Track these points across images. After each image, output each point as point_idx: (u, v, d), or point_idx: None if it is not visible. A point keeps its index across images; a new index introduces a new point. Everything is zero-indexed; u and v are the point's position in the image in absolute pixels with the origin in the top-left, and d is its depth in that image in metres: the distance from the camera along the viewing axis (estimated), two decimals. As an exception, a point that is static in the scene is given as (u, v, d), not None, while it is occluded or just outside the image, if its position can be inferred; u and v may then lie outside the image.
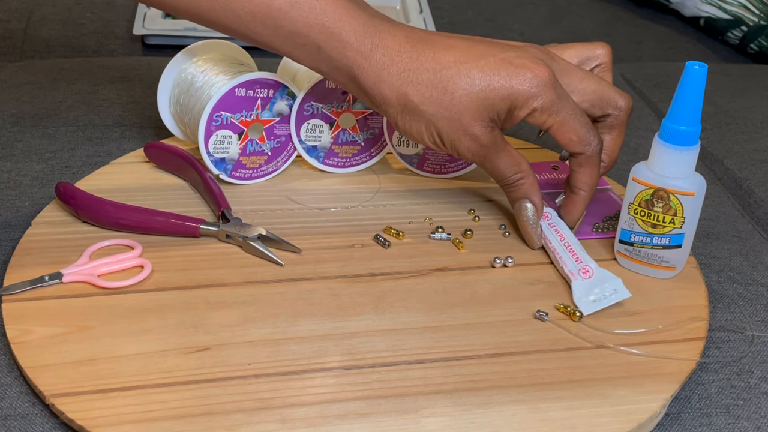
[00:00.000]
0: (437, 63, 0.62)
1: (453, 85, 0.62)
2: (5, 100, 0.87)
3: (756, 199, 0.82)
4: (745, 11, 1.20)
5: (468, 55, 0.62)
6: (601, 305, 0.62)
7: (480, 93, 0.62)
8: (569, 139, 0.64)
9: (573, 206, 0.68)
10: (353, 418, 0.52)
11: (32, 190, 0.74)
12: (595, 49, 0.68)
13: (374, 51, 0.62)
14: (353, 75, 0.63)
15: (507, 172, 0.66)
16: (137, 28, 1.09)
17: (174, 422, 0.51)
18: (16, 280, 0.61)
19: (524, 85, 0.61)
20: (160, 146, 0.75)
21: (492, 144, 0.64)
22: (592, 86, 0.65)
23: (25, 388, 0.55)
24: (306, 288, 0.62)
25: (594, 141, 0.64)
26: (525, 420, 0.53)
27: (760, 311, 0.66)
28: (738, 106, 0.98)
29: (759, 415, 0.58)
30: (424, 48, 0.63)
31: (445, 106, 0.62)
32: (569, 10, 1.30)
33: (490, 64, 0.62)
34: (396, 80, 0.63)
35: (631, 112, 0.67)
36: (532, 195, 0.67)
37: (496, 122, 0.63)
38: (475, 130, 0.63)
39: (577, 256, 0.64)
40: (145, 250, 0.65)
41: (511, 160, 0.65)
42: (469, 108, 0.62)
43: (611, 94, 0.66)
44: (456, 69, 0.62)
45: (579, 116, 0.63)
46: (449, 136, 0.63)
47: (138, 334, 0.57)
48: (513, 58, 0.62)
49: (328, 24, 0.62)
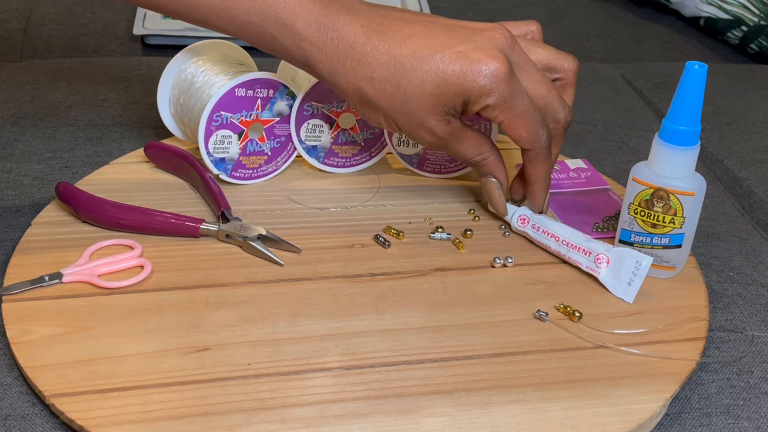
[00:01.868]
0: (391, 57, 0.61)
1: (406, 81, 0.61)
2: (5, 100, 0.87)
3: (756, 199, 0.82)
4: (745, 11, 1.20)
5: (424, 48, 0.61)
6: (637, 285, 0.62)
7: (434, 89, 0.61)
8: (519, 135, 0.64)
9: (532, 197, 0.68)
10: (353, 418, 0.52)
11: (32, 190, 0.74)
12: (563, 63, 0.67)
13: (328, 43, 0.62)
14: (309, 65, 0.64)
15: (469, 155, 0.66)
16: (137, 28, 1.09)
17: (174, 422, 0.51)
18: (16, 280, 0.61)
19: (478, 81, 0.61)
20: (160, 146, 0.75)
21: (449, 135, 0.64)
22: (542, 91, 0.64)
23: (25, 388, 0.55)
24: (306, 288, 0.62)
25: (543, 138, 0.64)
26: (525, 420, 0.53)
27: (760, 311, 0.66)
28: (738, 106, 0.98)
29: (759, 415, 0.58)
30: (379, 40, 0.62)
31: (399, 101, 0.62)
32: (569, 10, 1.30)
33: (445, 58, 0.61)
34: (351, 74, 0.62)
35: (568, 127, 0.66)
36: (496, 172, 0.68)
37: (453, 114, 0.63)
38: (430, 124, 0.63)
39: (583, 248, 0.64)
40: (145, 250, 0.65)
41: (471, 143, 0.66)
42: (423, 103, 0.62)
43: (555, 107, 0.65)
44: (411, 63, 0.61)
45: (531, 113, 0.63)
46: (406, 128, 0.64)
47: (138, 334, 0.57)
48: (470, 51, 0.61)
49: (282, 15, 0.62)
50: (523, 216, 0.68)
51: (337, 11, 0.62)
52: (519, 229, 0.68)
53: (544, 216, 0.68)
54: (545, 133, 0.64)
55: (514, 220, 0.69)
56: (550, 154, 0.66)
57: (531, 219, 0.68)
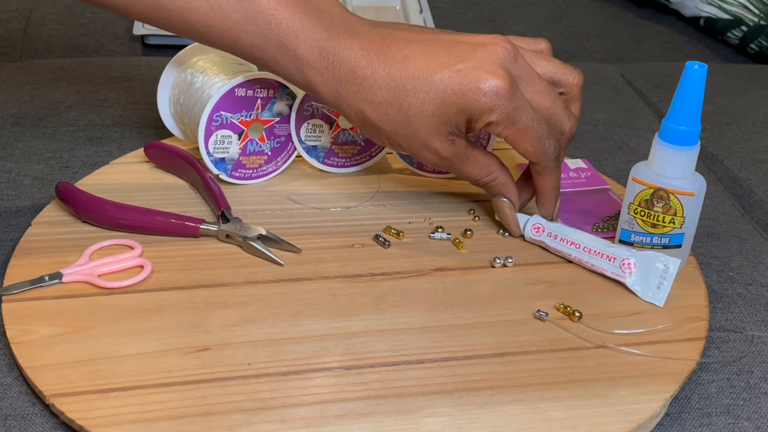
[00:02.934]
0: (392, 80, 0.61)
1: (407, 103, 0.61)
2: (5, 100, 0.87)
3: (756, 199, 0.82)
4: (745, 11, 1.20)
5: (423, 68, 0.61)
6: (666, 289, 0.62)
7: (435, 110, 0.61)
8: (525, 149, 0.63)
9: (542, 206, 0.68)
10: (353, 418, 0.52)
11: (32, 190, 0.74)
12: (568, 77, 0.66)
13: (330, 68, 0.62)
14: (312, 89, 0.64)
15: (476, 176, 0.66)
16: (137, 28, 1.09)
17: (174, 422, 0.51)
18: (16, 280, 0.61)
19: (479, 99, 0.60)
20: (160, 146, 0.75)
21: (454, 156, 0.64)
22: (546, 103, 0.63)
23: (25, 388, 0.55)
24: (306, 288, 0.62)
25: (550, 151, 0.64)
26: (525, 420, 0.53)
27: (760, 311, 0.66)
28: (738, 106, 0.98)
29: (759, 415, 0.58)
30: (379, 64, 0.62)
31: (401, 124, 0.62)
32: (569, 10, 1.30)
33: (444, 78, 0.61)
34: (352, 98, 0.63)
35: (572, 138, 0.66)
36: (506, 192, 0.67)
37: (458, 134, 0.63)
38: (434, 146, 0.63)
39: (606, 255, 0.64)
40: (145, 250, 0.65)
41: (478, 164, 0.66)
42: (425, 125, 0.62)
43: (560, 117, 0.64)
44: (411, 85, 0.61)
45: (536, 127, 0.62)
46: (410, 150, 0.64)
47: (138, 334, 0.57)
48: (469, 69, 0.60)
49: (284, 40, 0.62)
50: (538, 225, 0.67)
51: (338, 35, 0.63)
52: (534, 239, 0.67)
53: (556, 223, 0.68)
54: (552, 146, 0.64)
55: (528, 229, 0.68)
56: (558, 165, 0.66)
57: (546, 227, 0.67)
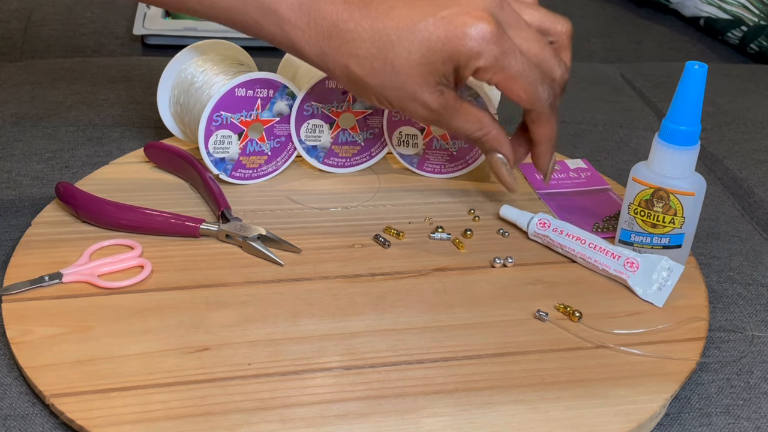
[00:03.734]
0: (375, 32, 0.60)
1: (393, 54, 0.60)
2: (5, 100, 0.87)
3: (756, 199, 0.82)
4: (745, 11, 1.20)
5: (407, 18, 0.60)
6: (667, 291, 0.62)
7: (421, 59, 0.60)
8: (518, 95, 0.62)
9: (537, 158, 0.67)
10: (353, 418, 0.52)
11: (32, 190, 0.74)
12: (556, 25, 0.65)
13: (311, 24, 0.61)
14: (295, 48, 0.63)
15: (467, 130, 0.64)
16: (137, 28, 1.09)
17: (174, 422, 0.51)
18: (16, 280, 0.61)
19: (466, 44, 0.59)
20: (160, 146, 0.75)
21: (443, 107, 0.62)
22: (535, 49, 0.62)
23: (25, 388, 0.55)
24: (306, 288, 0.62)
25: (544, 96, 0.62)
26: (525, 420, 0.53)
27: (760, 311, 0.66)
28: (738, 106, 0.98)
29: (759, 415, 0.58)
30: (362, 16, 0.60)
31: (388, 75, 0.61)
32: (569, 10, 1.30)
33: (429, 26, 0.59)
34: (337, 54, 0.61)
35: (565, 86, 0.64)
36: (500, 147, 0.66)
37: (446, 84, 0.61)
38: (423, 97, 0.61)
39: (611, 252, 0.64)
40: (145, 250, 0.65)
41: (468, 118, 0.64)
42: (411, 75, 0.60)
43: (551, 64, 0.62)
44: (395, 36, 0.60)
45: (527, 72, 0.61)
46: (398, 103, 0.62)
47: (138, 334, 0.57)
48: (454, 16, 0.59)
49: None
50: (543, 220, 0.67)
51: None
52: (539, 233, 0.67)
53: (564, 222, 0.67)
54: (546, 91, 0.62)
55: (534, 224, 0.68)
56: (554, 112, 0.64)
57: (552, 222, 0.67)
